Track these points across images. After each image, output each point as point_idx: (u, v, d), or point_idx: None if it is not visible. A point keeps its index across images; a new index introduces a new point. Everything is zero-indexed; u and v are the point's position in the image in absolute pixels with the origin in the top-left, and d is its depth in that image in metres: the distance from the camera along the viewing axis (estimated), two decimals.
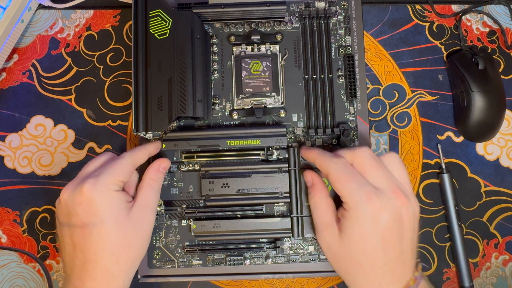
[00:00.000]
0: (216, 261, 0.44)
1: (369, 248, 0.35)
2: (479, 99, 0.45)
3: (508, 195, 0.47)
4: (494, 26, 0.49)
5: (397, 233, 0.35)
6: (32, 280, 0.46)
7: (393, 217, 0.35)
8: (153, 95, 0.41)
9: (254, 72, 0.46)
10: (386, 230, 0.35)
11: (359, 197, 0.35)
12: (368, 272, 0.36)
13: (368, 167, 0.37)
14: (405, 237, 0.36)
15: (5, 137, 0.48)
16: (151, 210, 0.39)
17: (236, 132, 0.43)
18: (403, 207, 0.36)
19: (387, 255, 0.35)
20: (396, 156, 0.38)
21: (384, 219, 0.35)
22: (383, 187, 0.36)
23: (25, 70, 0.49)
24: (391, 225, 0.35)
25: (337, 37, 0.46)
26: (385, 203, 0.35)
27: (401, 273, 0.36)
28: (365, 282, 0.36)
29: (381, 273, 0.35)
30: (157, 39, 0.42)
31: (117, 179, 0.38)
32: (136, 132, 0.41)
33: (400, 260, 0.36)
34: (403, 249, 0.36)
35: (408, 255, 0.36)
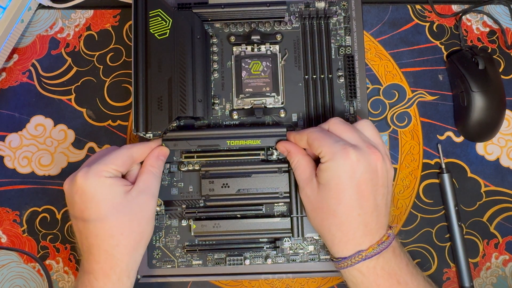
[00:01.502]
0: (216, 261, 0.44)
1: (344, 198, 0.36)
2: (479, 99, 0.45)
3: (508, 195, 0.47)
4: (494, 26, 0.49)
5: (371, 186, 0.37)
6: (32, 280, 0.46)
7: (368, 169, 0.37)
8: (153, 95, 0.41)
9: (254, 72, 0.46)
10: (362, 182, 0.36)
11: (336, 149, 0.37)
12: (343, 222, 0.37)
13: (343, 129, 0.38)
14: (379, 191, 0.38)
15: (5, 137, 0.48)
16: (151, 194, 0.40)
17: (236, 132, 0.43)
18: (378, 161, 0.37)
19: (361, 207, 0.37)
20: (368, 122, 0.40)
21: (359, 171, 0.36)
22: (358, 144, 0.37)
23: (25, 70, 0.49)
24: (366, 177, 0.37)
25: (337, 37, 0.46)
26: (360, 156, 0.36)
27: (375, 227, 0.37)
28: (339, 232, 0.37)
29: (356, 224, 0.37)
30: (157, 39, 0.42)
31: (110, 166, 0.38)
32: (136, 132, 0.41)
33: (375, 213, 0.37)
34: (377, 203, 0.37)
35: (382, 210, 0.38)
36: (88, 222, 0.37)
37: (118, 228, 0.37)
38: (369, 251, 0.37)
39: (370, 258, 0.36)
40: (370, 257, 0.36)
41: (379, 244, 0.37)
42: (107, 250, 0.37)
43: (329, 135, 0.38)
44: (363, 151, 0.37)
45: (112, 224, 0.37)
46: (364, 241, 0.37)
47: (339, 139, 0.38)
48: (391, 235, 0.38)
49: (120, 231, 0.37)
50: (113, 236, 0.37)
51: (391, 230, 0.39)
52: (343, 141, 0.37)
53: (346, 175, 0.36)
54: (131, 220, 0.38)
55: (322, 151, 0.37)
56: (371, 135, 0.39)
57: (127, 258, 0.38)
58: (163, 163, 0.42)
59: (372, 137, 0.39)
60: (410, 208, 0.47)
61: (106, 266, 0.37)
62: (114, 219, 0.37)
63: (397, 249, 0.38)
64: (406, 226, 0.47)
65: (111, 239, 0.37)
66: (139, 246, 0.39)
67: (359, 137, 0.38)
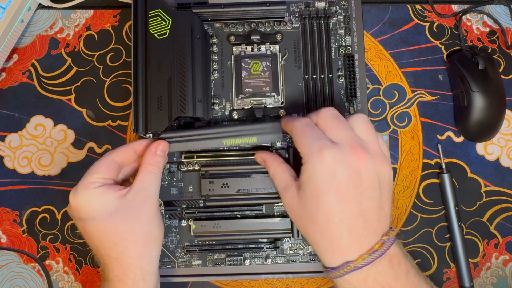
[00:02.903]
0: (216, 261, 0.44)
1: (323, 204, 0.34)
2: (479, 99, 0.44)
3: (508, 195, 0.47)
4: (494, 26, 0.49)
5: (353, 189, 0.34)
6: (32, 280, 0.46)
7: (348, 171, 0.33)
8: (153, 95, 0.41)
9: (254, 72, 0.46)
10: (341, 185, 0.33)
11: (312, 150, 0.34)
12: (325, 229, 0.34)
13: (330, 124, 0.36)
14: (365, 194, 0.34)
15: (5, 137, 0.48)
16: (149, 194, 0.38)
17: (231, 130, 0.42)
18: (361, 162, 0.34)
19: (343, 212, 0.33)
20: (361, 118, 0.37)
21: (339, 174, 0.33)
22: (341, 142, 0.34)
23: (25, 70, 0.49)
24: (346, 180, 0.33)
25: (337, 37, 0.46)
26: (339, 157, 0.33)
27: (363, 234, 0.34)
28: (323, 241, 0.34)
29: (338, 232, 0.34)
30: (157, 39, 0.42)
31: (94, 176, 0.37)
32: (136, 132, 0.41)
33: (360, 219, 0.34)
34: (363, 208, 0.34)
35: (371, 215, 0.34)
36: (91, 236, 0.37)
37: (120, 235, 0.37)
38: (358, 261, 0.33)
39: (360, 269, 0.33)
40: (359, 268, 0.33)
41: (370, 254, 0.33)
42: (116, 258, 0.37)
43: (311, 133, 0.35)
44: (344, 151, 0.34)
45: (112, 232, 0.37)
46: (351, 250, 0.34)
47: (319, 137, 0.35)
48: (387, 242, 0.34)
49: (123, 237, 0.37)
50: (117, 243, 0.37)
51: (387, 236, 0.35)
52: (323, 140, 0.34)
53: (323, 178, 0.33)
54: (131, 223, 0.37)
55: (300, 150, 0.35)
56: (363, 131, 0.36)
57: (139, 261, 0.37)
58: (162, 158, 0.40)
59: (363, 134, 0.36)
60: (410, 208, 0.47)
61: (119, 273, 0.37)
62: (112, 227, 0.37)
63: (395, 258, 0.35)
64: (406, 226, 0.46)
65: (116, 247, 0.37)
66: (150, 248, 0.38)
67: (346, 134, 0.35)
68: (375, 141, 0.36)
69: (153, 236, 0.38)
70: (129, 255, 0.37)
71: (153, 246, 0.39)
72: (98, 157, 0.46)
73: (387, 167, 0.36)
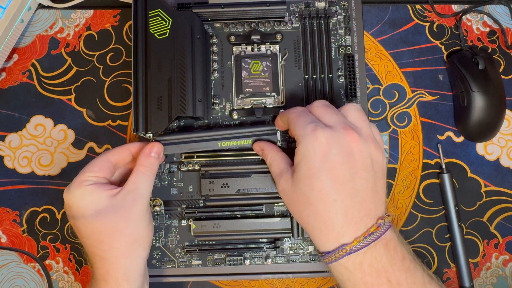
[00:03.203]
0: (216, 261, 0.44)
1: (317, 183, 0.34)
2: (479, 99, 0.44)
3: (508, 195, 0.47)
4: (494, 26, 0.49)
5: (348, 169, 0.34)
6: (32, 280, 0.46)
7: (342, 151, 0.34)
8: (153, 95, 0.41)
9: (254, 72, 0.46)
10: (335, 165, 0.33)
11: (306, 131, 0.34)
12: (319, 210, 0.34)
13: (323, 112, 0.36)
14: (359, 175, 0.34)
15: (5, 137, 0.48)
16: (139, 195, 0.38)
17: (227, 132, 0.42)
18: (354, 143, 0.34)
19: (337, 192, 0.33)
20: (353, 106, 0.37)
21: (332, 153, 0.33)
22: (334, 125, 0.35)
23: (25, 70, 0.49)
24: (339, 160, 0.34)
25: (337, 37, 0.46)
26: (332, 137, 0.34)
27: (358, 215, 0.34)
28: (318, 222, 0.34)
29: (333, 212, 0.33)
30: (157, 39, 0.42)
31: (88, 175, 0.38)
32: (136, 132, 0.41)
33: (355, 199, 0.34)
34: (357, 189, 0.34)
35: (366, 197, 0.34)
36: (81, 233, 0.38)
37: (106, 233, 0.37)
38: (354, 244, 0.33)
39: (356, 252, 0.33)
40: (355, 251, 0.33)
41: (366, 236, 0.33)
42: (101, 255, 0.37)
43: (305, 117, 0.36)
44: (337, 132, 0.34)
45: (99, 229, 0.37)
46: (346, 232, 0.33)
47: (313, 121, 0.35)
48: (382, 226, 0.34)
49: (108, 235, 0.37)
50: (102, 241, 0.37)
51: (383, 220, 0.34)
52: (316, 122, 0.35)
53: (317, 158, 0.34)
54: (118, 222, 0.37)
55: (294, 133, 0.36)
56: (355, 118, 0.37)
57: (123, 261, 0.37)
58: (156, 160, 0.40)
59: (356, 120, 0.36)
60: (410, 208, 0.47)
61: (103, 271, 0.37)
62: (99, 225, 0.37)
63: (392, 242, 0.34)
64: (406, 226, 0.46)
65: (101, 244, 0.37)
66: (135, 248, 0.38)
67: (338, 118, 0.36)
68: (367, 127, 0.37)
69: (140, 237, 0.38)
70: (112, 254, 0.37)
71: (140, 247, 0.38)
72: None
73: (380, 152, 0.36)
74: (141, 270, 0.39)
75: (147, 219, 0.39)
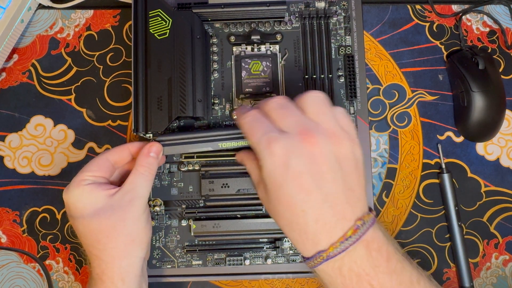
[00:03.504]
0: (216, 261, 0.44)
1: (283, 197, 0.32)
2: (479, 99, 0.45)
3: (508, 195, 0.47)
4: (494, 26, 0.49)
5: (311, 177, 0.32)
6: (32, 280, 0.46)
7: (303, 160, 0.32)
8: (153, 95, 0.41)
9: (254, 72, 0.46)
10: (297, 176, 0.32)
11: (261, 145, 0.33)
12: (290, 222, 0.33)
13: (277, 115, 0.34)
14: (325, 179, 0.32)
15: (5, 137, 0.48)
16: (137, 195, 0.38)
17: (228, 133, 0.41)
18: (314, 147, 0.32)
19: (305, 202, 0.32)
20: (311, 96, 0.35)
21: (292, 163, 0.32)
22: (290, 130, 0.33)
23: (25, 70, 0.49)
24: (301, 169, 0.32)
25: (337, 37, 0.46)
26: (289, 147, 0.32)
27: (331, 220, 0.32)
28: (292, 233, 0.33)
29: (303, 222, 0.32)
30: (157, 39, 0.42)
31: (86, 174, 0.38)
32: (136, 132, 0.41)
33: (326, 205, 0.32)
34: (326, 193, 0.32)
35: (336, 200, 0.32)
36: (79, 232, 0.38)
37: (103, 232, 0.37)
38: (330, 250, 0.31)
39: (333, 258, 0.32)
40: (332, 258, 0.32)
41: (343, 241, 0.31)
42: (97, 255, 0.37)
43: (258, 128, 0.34)
44: (292, 139, 0.32)
45: (96, 229, 0.37)
46: (321, 239, 0.32)
47: (267, 130, 0.33)
48: (361, 227, 0.32)
49: (105, 234, 0.37)
50: (99, 240, 0.37)
51: (361, 220, 0.32)
52: (270, 133, 0.33)
53: (277, 172, 0.32)
54: (115, 222, 0.37)
55: (253, 148, 0.34)
56: (314, 112, 0.34)
57: (118, 260, 0.37)
58: (155, 159, 0.39)
59: (314, 114, 0.34)
60: (410, 208, 0.47)
61: (99, 271, 0.37)
62: (96, 224, 0.37)
63: (374, 243, 0.32)
64: (406, 226, 0.46)
65: (98, 244, 0.37)
66: (132, 248, 0.38)
67: (293, 120, 0.34)
68: (328, 120, 0.34)
69: (137, 237, 0.38)
70: (109, 254, 0.37)
71: (137, 247, 0.38)
72: None
73: (345, 143, 0.33)
74: (138, 271, 0.38)
75: (144, 219, 0.39)
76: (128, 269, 0.38)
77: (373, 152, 0.47)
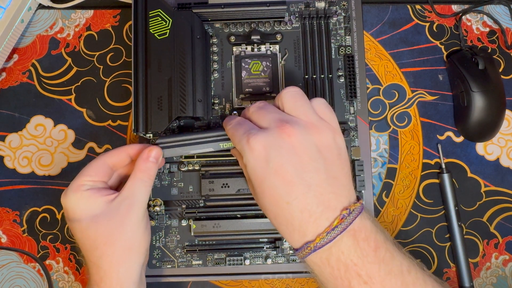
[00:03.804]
0: (216, 261, 0.44)
1: (267, 191, 0.33)
2: (479, 99, 0.45)
3: (508, 195, 0.47)
4: (494, 26, 0.49)
5: (292, 168, 0.32)
6: (32, 280, 0.46)
7: (282, 152, 0.32)
8: (153, 95, 0.41)
9: (254, 72, 0.46)
10: (279, 168, 0.32)
11: (242, 143, 0.34)
12: (276, 215, 0.33)
13: (257, 115, 0.36)
14: (307, 169, 0.32)
15: (5, 137, 0.48)
16: (135, 201, 0.37)
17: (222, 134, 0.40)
18: (292, 138, 0.33)
19: (288, 194, 0.32)
20: (288, 92, 0.35)
21: (272, 157, 0.32)
22: (268, 126, 0.34)
23: (25, 70, 0.49)
24: (281, 161, 0.32)
25: (337, 37, 0.46)
26: (267, 141, 0.33)
27: (316, 211, 0.32)
28: (281, 226, 0.34)
29: (289, 214, 0.32)
30: (157, 39, 0.42)
31: (84, 179, 0.38)
32: (136, 132, 0.41)
33: (309, 195, 0.32)
34: (309, 183, 0.32)
35: (320, 189, 0.32)
36: (76, 238, 0.38)
37: (101, 239, 0.36)
38: (317, 241, 0.31)
39: (320, 249, 0.32)
40: (319, 248, 0.32)
41: (329, 232, 0.31)
42: (94, 262, 0.37)
43: (239, 128, 0.35)
44: (270, 133, 0.33)
45: (93, 235, 0.36)
46: (307, 230, 0.32)
47: (246, 130, 0.34)
48: (347, 217, 0.32)
49: (102, 241, 0.36)
50: (97, 247, 0.36)
51: (348, 210, 0.32)
52: (250, 131, 0.34)
53: (259, 167, 0.33)
54: (113, 228, 0.36)
55: (238, 149, 0.35)
56: (291, 108, 0.35)
57: (116, 268, 0.36)
58: (154, 164, 0.39)
59: (293, 108, 0.35)
60: (410, 208, 0.47)
61: (97, 278, 0.37)
62: (94, 230, 0.36)
63: (362, 232, 0.32)
64: (406, 226, 0.46)
65: (95, 251, 0.36)
66: (130, 255, 0.37)
67: (272, 117, 0.34)
68: (305, 112, 0.34)
69: (136, 244, 0.37)
70: (106, 260, 0.36)
71: (135, 254, 0.37)
72: None
73: (325, 132, 0.34)
74: (137, 277, 0.38)
75: (143, 225, 0.38)
76: (126, 276, 0.37)
77: (373, 152, 0.47)
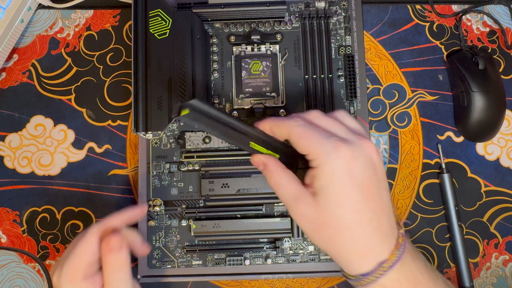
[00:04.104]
0: (216, 261, 0.44)
1: (351, 205, 0.31)
2: (479, 99, 0.45)
3: (508, 195, 0.47)
4: (494, 26, 0.49)
5: (375, 183, 0.32)
6: (32, 280, 0.46)
7: (367, 164, 0.31)
8: (153, 95, 0.41)
9: (254, 72, 0.46)
10: (364, 180, 0.31)
11: (327, 149, 0.31)
12: (357, 232, 0.31)
13: (326, 122, 0.33)
14: (382, 186, 0.32)
15: (5, 137, 0.48)
16: None
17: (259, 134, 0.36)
18: (373, 153, 0.32)
19: (371, 210, 0.31)
20: (344, 112, 0.35)
21: (359, 169, 0.31)
22: (348, 137, 0.32)
23: (25, 70, 0.49)
24: (368, 174, 0.31)
25: (337, 37, 0.46)
26: (356, 151, 0.31)
27: (388, 228, 0.32)
28: (357, 246, 0.31)
29: (370, 231, 0.31)
30: (157, 39, 0.42)
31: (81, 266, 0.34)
32: (136, 132, 0.41)
33: (385, 212, 0.32)
34: (385, 201, 0.32)
35: (389, 208, 0.32)
36: None
37: None
38: (391, 259, 0.31)
39: (393, 267, 0.31)
40: (392, 267, 0.31)
41: (399, 249, 0.31)
42: None
43: (317, 131, 0.32)
44: (356, 144, 0.32)
45: None
46: (383, 249, 0.31)
47: (328, 135, 0.32)
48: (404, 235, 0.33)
49: None
50: None
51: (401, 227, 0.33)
52: (334, 137, 0.32)
53: (346, 177, 0.31)
54: None
55: (310, 152, 0.32)
56: (354, 125, 0.34)
57: None
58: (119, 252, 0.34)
59: (355, 127, 0.34)
60: (410, 208, 0.47)
61: None
62: None
63: (413, 252, 0.33)
64: (406, 226, 0.46)
65: None
66: None
67: (346, 128, 0.33)
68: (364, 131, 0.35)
69: None
70: None
71: None
72: (98, 157, 0.47)
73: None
74: None
75: None
76: None
77: None
